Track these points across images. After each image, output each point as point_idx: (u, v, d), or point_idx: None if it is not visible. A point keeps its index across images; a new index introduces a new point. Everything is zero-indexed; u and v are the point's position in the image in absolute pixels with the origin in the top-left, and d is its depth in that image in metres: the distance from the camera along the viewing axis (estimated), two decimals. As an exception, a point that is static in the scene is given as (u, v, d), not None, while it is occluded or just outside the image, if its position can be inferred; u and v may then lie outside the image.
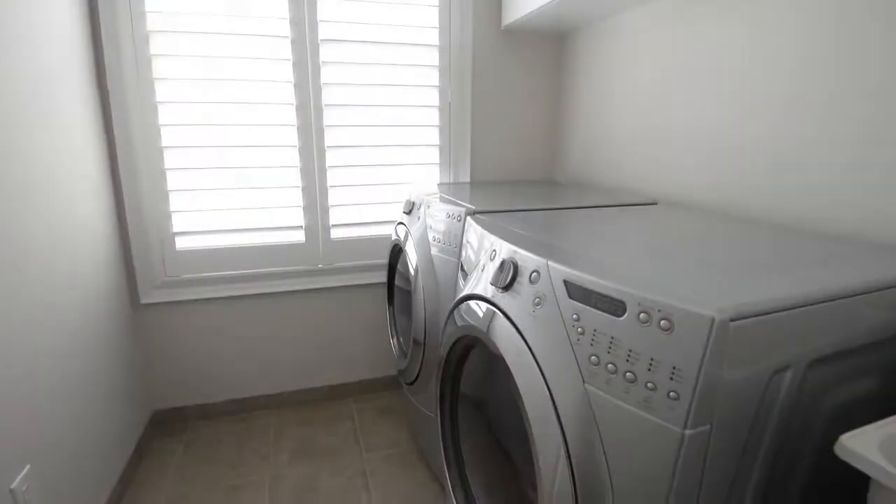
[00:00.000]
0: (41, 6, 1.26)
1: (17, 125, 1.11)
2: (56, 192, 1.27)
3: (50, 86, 1.27)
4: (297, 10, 1.73)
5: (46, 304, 1.19)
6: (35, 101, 1.20)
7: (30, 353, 1.11)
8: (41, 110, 1.22)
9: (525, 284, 0.82)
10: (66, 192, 1.32)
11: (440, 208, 1.38)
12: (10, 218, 1.06)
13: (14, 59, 1.12)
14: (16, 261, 1.07)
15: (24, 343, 1.09)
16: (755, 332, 0.60)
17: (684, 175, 1.46)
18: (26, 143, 1.15)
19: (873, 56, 0.95)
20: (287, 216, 1.88)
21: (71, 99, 1.39)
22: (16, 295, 1.07)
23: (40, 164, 1.20)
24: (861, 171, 0.99)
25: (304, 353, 2.04)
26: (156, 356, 1.86)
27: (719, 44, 1.31)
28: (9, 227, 1.06)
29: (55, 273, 1.24)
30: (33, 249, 1.15)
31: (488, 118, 2.06)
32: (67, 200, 1.33)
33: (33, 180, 1.17)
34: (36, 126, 1.19)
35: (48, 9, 1.29)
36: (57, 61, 1.32)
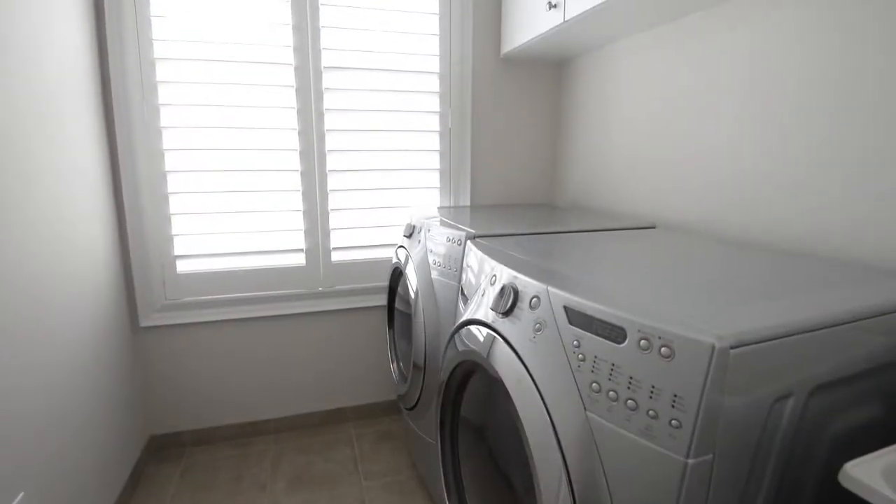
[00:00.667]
0: (50, 35, 1.29)
1: (20, 147, 1.13)
2: (58, 214, 1.28)
3: (56, 111, 1.29)
4: (300, 38, 1.77)
5: (45, 327, 1.19)
6: (40, 126, 1.22)
7: (26, 376, 1.10)
8: (45, 135, 1.24)
9: (525, 310, 0.82)
10: (68, 215, 1.33)
11: (440, 232, 1.39)
12: (9, 240, 1.07)
13: (20, 83, 1.14)
14: (15, 282, 1.08)
15: (20, 366, 1.08)
16: (756, 359, 0.60)
17: (682, 199, 1.47)
18: (29, 166, 1.16)
19: (874, 82, 0.96)
20: (288, 239, 1.89)
21: (76, 124, 1.41)
22: (14, 316, 1.07)
23: (42, 187, 1.21)
24: (861, 194, 1.00)
25: (303, 376, 2.02)
26: (154, 380, 1.85)
27: (717, 70, 1.34)
28: (9, 249, 1.07)
29: (55, 296, 1.24)
30: (33, 272, 1.15)
31: (488, 143, 2.09)
32: (69, 223, 1.34)
33: (34, 202, 1.18)
34: (39, 150, 1.21)
35: (56, 35, 1.32)
36: (63, 85, 1.35)
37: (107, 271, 1.57)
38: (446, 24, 1.94)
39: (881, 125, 0.96)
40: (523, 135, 2.14)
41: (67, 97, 1.36)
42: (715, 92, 1.33)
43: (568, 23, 1.49)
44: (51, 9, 1.29)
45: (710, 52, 1.35)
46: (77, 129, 1.41)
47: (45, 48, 1.25)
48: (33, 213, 1.16)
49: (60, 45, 1.33)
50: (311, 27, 1.78)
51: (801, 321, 0.64)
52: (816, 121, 1.07)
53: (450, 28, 1.95)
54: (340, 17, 1.81)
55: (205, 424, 1.93)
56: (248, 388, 1.96)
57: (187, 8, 1.66)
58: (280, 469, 1.77)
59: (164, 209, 1.74)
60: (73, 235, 1.35)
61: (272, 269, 1.89)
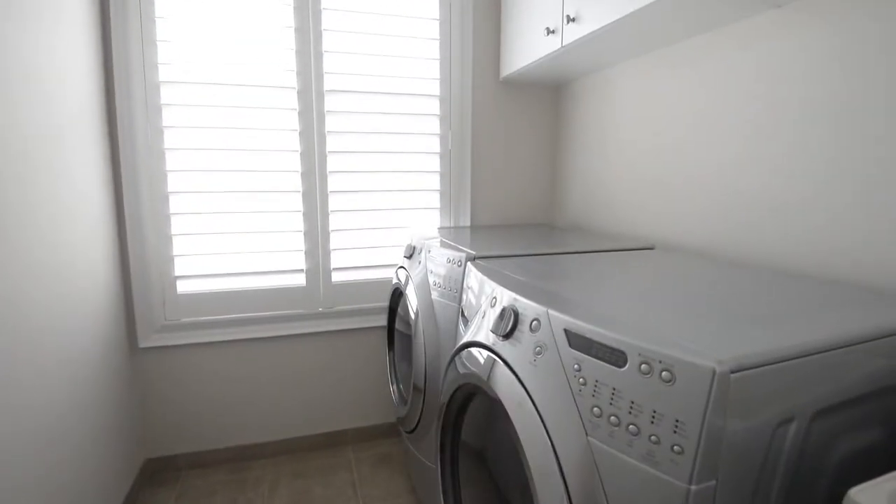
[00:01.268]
0: (57, 59, 1.31)
1: (23, 170, 1.14)
2: (59, 237, 1.29)
3: (59, 133, 1.31)
4: (303, 62, 1.81)
5: (45, 349, 1.18)
6: (43, 149, 1.23)
7: (23, 397, 1.09)
8: (48, 158, 1.25)
9: (526, 333, 0.82)
10: (69, 237, 1.34)
11: (441, 253, 1.39)
12: (10, 262, 1.07)
13: (26, 103, 1.16)
14: (15, 304, 1.08)
15: (18, 386, 1.07)
16: (757, 383, 0.60)
17: (681, 220, 1.48)
18: (31, 189, 1.17)
19: (879, 103, 0.97)
20: (288, 259, 1.89)
21: (79, 146, 1.43)
22: (14, 337, 1.06)
23: (43, 207, 1.22)
24: (864, 216, 1.00)
25: (302, 398, 2.00)
26: (151, 402, 1.83)
27: (717, 92, 1.36)
28: (9, 272, 1.07)
29: (54, 318, 1.24)
30: (33, 294, 1.15)
31: (488, 164, 2.11)
32: (69, 242, 1.34)
33: (36, 224, 1.18)
34: (42, 173, 1.22)
35: (63, 58, 1.35)
36: (68, 108, 1.37)
37: (107, 292, 1.57)
38: (446, 48, 1.98)
39: (885, 147, 0.96)
40: (523, 156, 2.16)
41: (72, 120, 1.38)
42: (715, 114, 1.35)
43: (565, 48, 1.52)
44: (59, 34, 1.32)
45: (709, 74, 1.37)
46: (80, 153, 1.43)
47: (51, 72, 1.27)
48: (34, 235, 1.16)
49: (66, 68, 1.36)
50: (314, 51, 1.81)
51: (801, 344, 0.64)
52: (820, 141, 1.08)
53: (450, 52, 1.98)
54: (343, 42, 1.85)
55: (201, 448, 1.91)
56: (246, 410, 1.94)
57: (192, 33, 1.70)
58: (277, 494, 1.74)
59: (165, 230, 1.75)
60: (73, 258, 1.35)
61: (272, 289, 1.89)
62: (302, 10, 1.79)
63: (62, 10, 1.34)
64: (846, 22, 1.02)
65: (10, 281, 1.05)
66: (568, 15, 1.46)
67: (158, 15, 1.65)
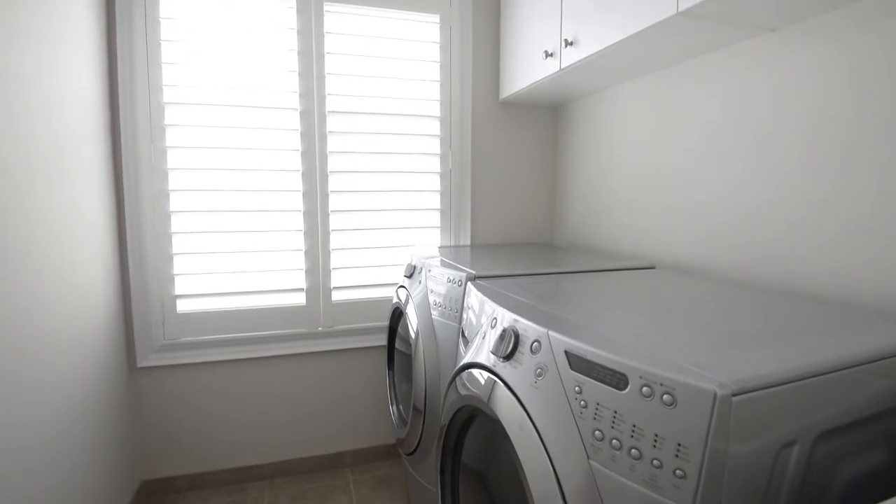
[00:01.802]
0: (64, 74, 1.33)
1: (25, 187, 1.15)
2: (60, 254, 1.29)
3: (62, 150, 1.32)
4: (306, 84, 1.83)
5: (43, 367, 1.18)
6: (46, 166, 1.24)
7: (20, 415, 1.08)
8: (51, 174, 1.26)
9: (526, 354, 0.82)
10: (69, 256, 1.34)
11: (441, 272, 1.40)
12: (10, 281, 1.08)
13: (31, 121, 1.17)
14: (14, 322, 1.08)
15: (15, 404, 1.06)
16: (759, 406, 0.59)
17: (681, 239, 1.49)
18: (32, 205, 1.18)
19: (885, 122, 0.97)
20: (289, 278, 1.90)
21: (83, 164, 1.44)
22: (13, 355, 1.06)
23: (44, 225, 1.23)
24: (866, 236, 1.01)
25: (301, 419, 1.98)
26: (148, 422, 1.81)
27: (717, 113, 1.38)
28: (11, 287, 1.07)
29: (54, 336, 1.24)
30: (32, 314, 1.15)
31: (488, 184, 2.13)
32: (70, 263, 1.35)
33: (37, 240, 1.19)
34: (44, 189, 1.23)
35: (67, 80, 1.37)
36: (72, 127, 1.38)
37: (107, 311, 1.57)
38: (447, 71, 2.01)
39: (890, 167, 0.96)
40: (522, 175, 2.18)
41: (74, 139, 1.39)
42: (716, 134, 1.37)
43: (564, 71, 1.55)
44: (63, 57, 1.34)
45: (708, 95, 1.39)
46: (82, 173, 1.44)
47: (53, 93, 1.29)
48: (35, 253, 1.17)
49: (70, 90, 1.38)
50: (317, 74, 1.84)
51: (804, 366, 0.64)
52: (822, 162, 1.09)
53: (450, 74, 2.02)
54: (345, 65, 1.88)
55: (198, 469, 1.88)
56: (245, 431, 1.92)
57: (197, 55, 1.72)
58: (275, 517, 1.71)
59: (166, 249, 1.75)
60: (74, 277, 1.35)
61: (272, 308, 1.89)
62: (305, 34, 1.82)
63: (65, 34, 1.36)
64: (847, 44, 1.04)
65: (10, 298, 1.05)
66: (566, 39, 1.49)
67: (164, 38, 1.69)
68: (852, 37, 1.02)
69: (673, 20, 1.11)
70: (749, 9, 1.06)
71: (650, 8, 1.15)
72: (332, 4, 1.85)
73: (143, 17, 1.66)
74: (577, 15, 1.44)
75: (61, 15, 1.32)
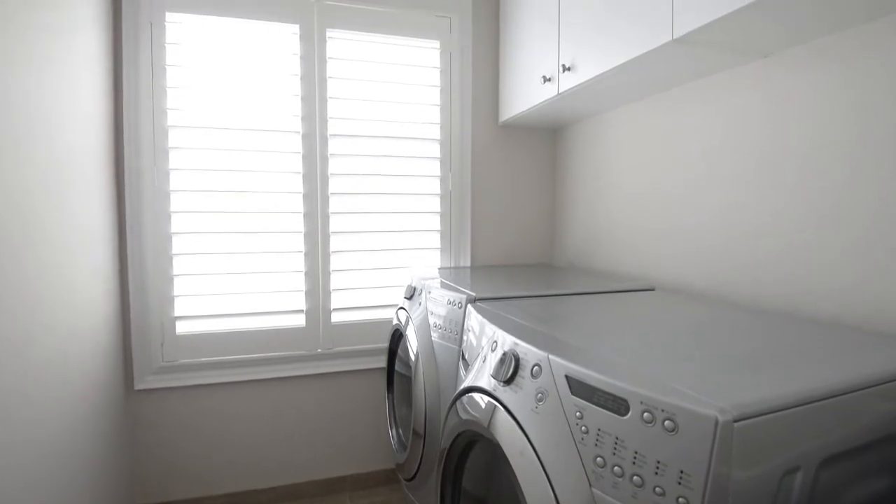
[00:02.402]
0: (68, 97, 1.36)
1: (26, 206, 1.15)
2: (61, 274, 1.29)
3: (67, 171, 1.33)
4: (308, 108, 1.86)
5: (44, 387, 1.17)
6: (48, 186, 1.25)
7: (15, 435, 1.07)
8: (53, 193, 1.27)
9: (527, 378, 0.81)
10: (70, 277, 1.34)
11: (441, 294, 1.40)
12: (11, 298, 1.08)
13: (34, 143, 1.18)
14: (12, 341, 1.07)
15: (10, 424, 1.05)
16: (761, 432, 0.59)
17: (681, 261, 1.49)
18: (34, 224, 1.19)
19: (887, 144, 0.97)
20: (289, 300, 1.89)
21: (86, 185, 1.46)
22: (11, 375, 1.05)
23: (46, 244, 1.23)
24: (866, 259, 1.01)
25: (300, 443, 1.96)
26: (144, 446, 1.79)
27: (716, 137, 1.40)
28: (11, 304, 1.07)
29: (52, 357, 1.23)
30: (30, 335, 1.15)
31: (487, 205, 2.15)
32: (70, 284, 1.35)
33: (38, 259, 1.19)
34: (46, 208, 1.24)
35: (73, 100, 1.39)
36: (76, 148, 1.40)
37: (106, 333, 1.57)
38: (447, 95, 2.04)
39: (890, 189, 0.97)
40: (521, 196, 2.20)
41: (77, 160, 1.40)
42: (716, 156, 1.38)
43: (561, 95, 1.57)
44: (70, 79, 1.37)
45: (705, 118, 1.41)
46: (85, 193, 1.45)
47: (57, 115, 1.31)
48: (36, 272, 1.17)
49: (75, 112, 1.40)
50: (319, 98, 1.87)
51: (806, 391, 0.64)
52: (821, 184, 1.09)
53: (450, 98, 2.05)
54: (347, 89, 1.92)
55: (196, 494, 1.85)
56: (242, 455, 1.90)
57: (201, 80, 1.76)
58: (271, 544, 1.68)
59: (167, 270, 1.75)
60: (74, 298, 1.35)
61: (272, 330, 1.88)
62: (308, 60, 1.86)
63: (71, 60, 1.39)
64: (845, 67, 1.06)
65: (10, 317, 1.05)
66: (564, 64, 1.52)
67: (169, 63, 1.72)
68: (851, 60, 1.03)
69: (668, 47, 1.14)
70: (743, 36, 1.08)
71: (646, 35, 1.18)
72: (336, 31, 1.89)
73: (149, 43, 1.70)
74: (575, 41, 1.48)
75: (67, 42, 1.34)
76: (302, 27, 1.85)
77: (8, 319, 1.04)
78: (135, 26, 1.68)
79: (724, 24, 1.01)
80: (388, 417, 1.83)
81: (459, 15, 2.04)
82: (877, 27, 0.99)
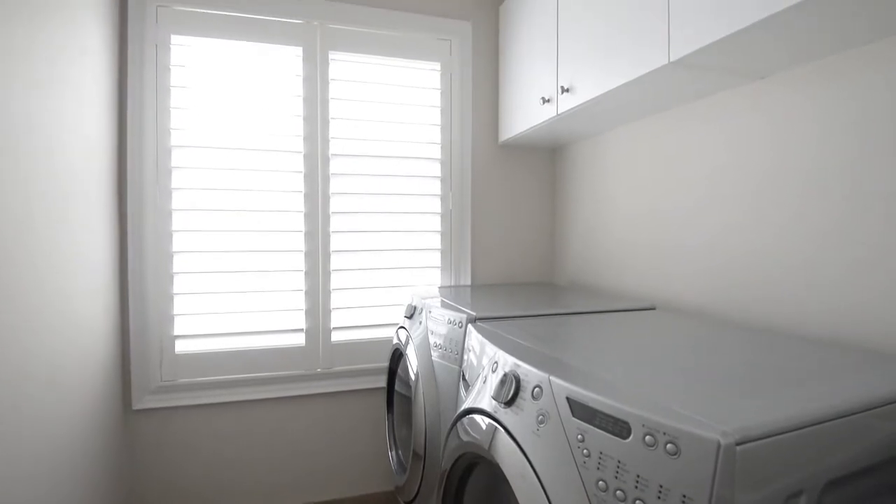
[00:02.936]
0: (72, 119, 1.37)
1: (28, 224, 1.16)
2: (62, 293, 1.29)
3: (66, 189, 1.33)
4: (310, 128, 1.89)
5: (42, 406, 1.16)
6: (49, 203, 1.25)
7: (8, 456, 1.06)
8: (54, 210, 1.28)
9: (528, 400, 0.81)
10: (71, 295, 1.34)
11: (441, 313, 1.40)
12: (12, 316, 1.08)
13: (35, 161, 1.19)
14: (11, 362, 1.07)
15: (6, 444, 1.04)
16: (764, 455, 0.58)
17: (681, 280, 1.50)
18: (35, 243, 1.19)
19: (889, 165, 0.98)
20: (289, 319, 1.89)
21: (88, 203, 1.46)
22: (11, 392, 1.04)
23: (47, 263, 1.24)
24: (871, 277, 1.01)
25: (298, 464, 1.93)
26: (142, 467, 1.77)
27: (715, 157, 1.41)
28: (12, 323, 1.07)
29: (48, 376, 1.22)
30: (34, 349, 1.15)
31: (488, 224, 2.16)
32: (71, 304, 1.35)
33: (40, 277, 1.19)
34: (47, 225, 1.24)
35: (76, 122, 1.41)
36: (79, 168, 1.41)
37: (105, 352, 1.56)
38: (447, 115, 2.07)
39: (891, 210, 0.97)
40: (522, 215, 2.21)
41: (79, 179, 1.41)
42: (713, 177, 1.39)
43: (560, 116, 1.59)
44: (74, 101, 1.39)
45: (705, 138, 1.43)
46: (87, 210, 1.46)
47: (66, 135, 1.33)
48: (37, 290, 1.17)
49: (79, 134, 1.41)
50: (321, 118, 1.90)
51: (809, 413, 0.63)
52: (824, 203, 1.09)
53: (451, 119, 2.08)
54: (349, 110, 1.94)
55: (191, 517, 1.82)
56: (240, 477, 1.87)
57: (205, 101, 1.78)
58: (268, 569, 1.65)
59: (167, 289, 1.76)
60: (75, 317, 1.35)
61: (271, 349, 1.87)
62: (311, 81, 1.89)
63: (78, 82, 1.41)
64: (845, 88, 1.08)
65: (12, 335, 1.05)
66: (562, 86, 1.55)
67: (173, 84, 1.74)
68: (852, 79, 1.04)
69: (665, 69, 1.16)
70: (740, 58, 1.10)
71: (643, 57, 1.20)
72: (338, 53, 1.92)
73: (154, 65, 1.73)
74: (573, 63, 1.50)
75: (75, 64, 1.37)
76: (305, 49, 1.88)
77: (8, 335, 1.04)
78: (140, 48, 1.71)
79: (721, 46, 1.03)
80: (387, 438, 1.81)
81: (460, 38, 2.08)
82: (881, 47, 0.99)
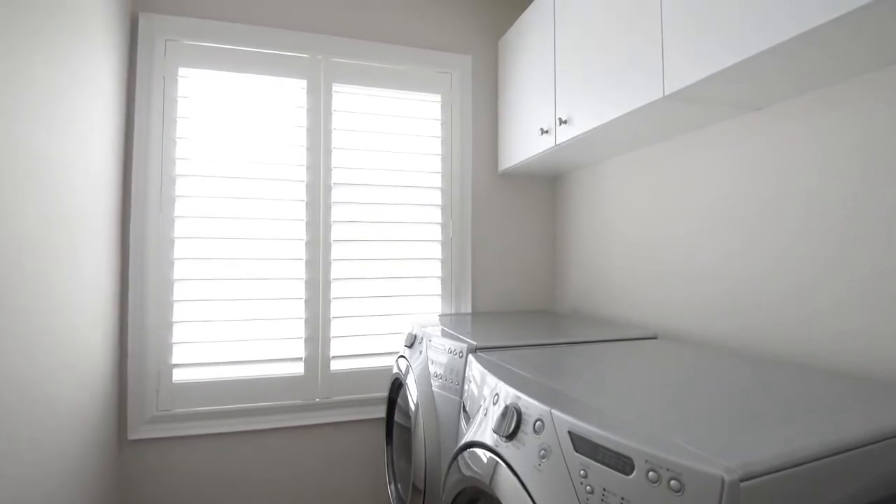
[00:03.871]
0: (78, 149, 1.39)
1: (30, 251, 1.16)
2: (60, 320, 1.29)
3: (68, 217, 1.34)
4: (313, 157, 1.91)
5: (39, 432, 1.14)
6: (52, 232, 1.26)
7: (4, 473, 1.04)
8: (57, 239, 1.28)
9: (529, 434, 0.80)
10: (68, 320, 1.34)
11: (442, 343, 1.39)
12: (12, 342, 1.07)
13: (37, 189, 1.20)
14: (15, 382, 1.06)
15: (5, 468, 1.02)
16: (768, 491, 0.57)
17: (683, 308, 1.49)
18: (37, 269, 1.19)
19: (889, 190, 0.98)
20: (288, 347, 1.88)
21: (90, 232, 1.47)
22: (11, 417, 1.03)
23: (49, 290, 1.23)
24: (869, 302, 1.01)
25: (295, 497, 1.89)
26: (136, 499, 1.73)
27: (712, 186, 1.43)
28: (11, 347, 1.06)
29: (50, 401, 1.21)
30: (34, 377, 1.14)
31: (488, 252, 2.16)
32: (70, 333, 1.34)
33: (39, 303, 1.19)
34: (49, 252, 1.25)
35: (81, 152, 1.43)
36: (79, 196, 1.42)
37: (103, 381, 1.54)
38: (448, 145, 2.10)
39: (891, 236, 0.97)
40: (522, 243, 2.22)
41: (82, 208, 1.42)
42: (712, 204, 1.40)
43: (559, 146, 1.62)
44: (82, 132, 1.41)
45: (704, 166, 1.45)
46: (89, 240, 1.47)
47: (73, 163, 1.34)
48: (38, 315, 1.17)
49: (83, 163, 1.43)
50: (324, 148, 1.93)
51: (814, 446, 0.63)
52: (826, 230, 1.09)
53: (451, 149, 2.11)
54: (351, 140, 1.97)
55: (184, 553, 1.77)
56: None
57: (210, 131, 1.81)
58: None
59: (167, 317, 1.75)
60: (75, 342, 1.35)
61: (269, 378, 1.85)
62: (314, 112, 1.92)
63: (84, 111, 1.44)
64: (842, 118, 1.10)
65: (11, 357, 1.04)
66: (560, 118, 1.58)
67: (179, 115, 1.78)
68: (854, 109, 1.05)
69: (660, 102, 1.18)
70: (733, 92, 1.13)
71: (638, 90, 1.23)
72: (341, 85, 1.97)
73: (162, 97, 1.76)
74: (571, 95, 1.53)
75: (84, 95, 1.40)
76: (309, 82, 1.92)
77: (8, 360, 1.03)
78: (148, 80, 1.75)
79: (715, 81, 1.05)
80: (386, 471, 1.78)
81: (460, 71, 2.13)
82: (883, 76, 0.99)
